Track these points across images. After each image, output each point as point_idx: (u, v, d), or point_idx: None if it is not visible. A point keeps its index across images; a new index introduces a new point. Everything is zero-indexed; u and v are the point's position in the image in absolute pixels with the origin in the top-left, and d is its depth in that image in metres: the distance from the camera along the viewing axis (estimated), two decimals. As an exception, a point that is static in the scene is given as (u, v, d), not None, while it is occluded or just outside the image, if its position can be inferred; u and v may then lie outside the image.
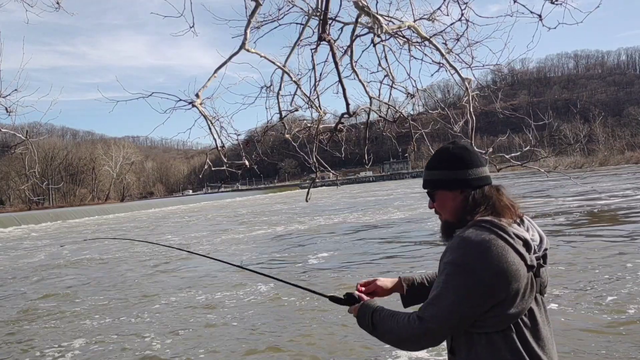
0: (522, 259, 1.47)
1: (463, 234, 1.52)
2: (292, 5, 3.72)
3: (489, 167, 1.72)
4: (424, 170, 1.76)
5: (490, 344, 1.50)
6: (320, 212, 29.61)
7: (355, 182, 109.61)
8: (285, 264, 12.11)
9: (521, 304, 1.48)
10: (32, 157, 4.44)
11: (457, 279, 1.47)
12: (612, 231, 12.58)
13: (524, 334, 1.50)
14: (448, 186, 1.65)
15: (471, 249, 1.46)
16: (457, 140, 1.74)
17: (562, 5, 3.39)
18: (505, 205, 1.60)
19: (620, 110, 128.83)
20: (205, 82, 3.27)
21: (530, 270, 1.50)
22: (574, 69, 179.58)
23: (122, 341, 6.61)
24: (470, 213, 1.59)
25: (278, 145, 61.20)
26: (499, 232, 1.49)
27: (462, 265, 1.46)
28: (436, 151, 1.75)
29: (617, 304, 6.39)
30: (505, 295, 1.45)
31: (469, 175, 1.62)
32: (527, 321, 1.51)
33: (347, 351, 5.61)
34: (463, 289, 1.46)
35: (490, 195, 1.61)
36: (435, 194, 1.70)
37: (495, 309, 1.46)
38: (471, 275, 1.44)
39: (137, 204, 69.25)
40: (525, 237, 1.52)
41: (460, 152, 1.65)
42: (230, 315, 7.50)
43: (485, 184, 1.63)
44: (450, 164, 1.64)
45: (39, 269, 14.35)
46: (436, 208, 1.72)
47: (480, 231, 1.50)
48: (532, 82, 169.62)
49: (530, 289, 1.50)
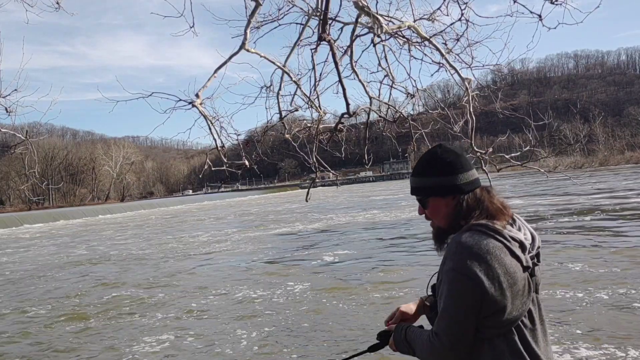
0: (518, 261, 1.47)
1: (460, 239, 1.51)
2: (292, 5, 3.72)
3: (489, 167, 1.72)
4: (410, 176, 1.71)
5: (493, 349, 1.49)
6: (333, 211, 29.83)
7: (355, 182, 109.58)
8: (311, 260, 12.24)
9: (521, 306, 1.48)
10: (32, 157, 4.42)
11: (460, 285, 1.46)
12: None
13: (525, 335, 1.50)
14: (440, 193, 1.62)
15: (469, 254, 1.46)
16: (444, 143, 1.70)
17: (562, 5, 3.38)
18: (497, 207, 1.59)
19: (620, 110, 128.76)
20: (205, 82, 3.27)
21: (526, 271, 1.50)
22: (574, 69, 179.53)
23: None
24: (464, 218, 1.58)
25: (278, 145, 61.23)
26: (495, 236, 1.48)
27: (463, 271, 1.45)
28: (424, 156, 1.69)
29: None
30: (506, 299, 1.45)
31: (460, 181, 1.60)
32: (527, 322, 1.51)
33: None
34: (468, 295, 1.45)
35: (482, 198, 1.60)
36: (427, 201, 1.67)
37: (498, 313, 1.46)
38: (473, 280, 1.43)
39: (142, 203, 70.33)
40: (520, 239, 1.52)
41: (449, 157, 1.62)
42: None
43: (476, 187, 1.62)
44: (441, 171, 1.61)
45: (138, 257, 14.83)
46: (428, 215, 1.70)
47: (476, 235, 1.49)
48: (532, 82, 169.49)
49: (528, 290, 1.51)
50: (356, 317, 6.89)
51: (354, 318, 6.85)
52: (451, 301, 1.48)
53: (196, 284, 10.31)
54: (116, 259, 15.41)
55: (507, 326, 1.48)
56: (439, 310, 1.55)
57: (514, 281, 1.45)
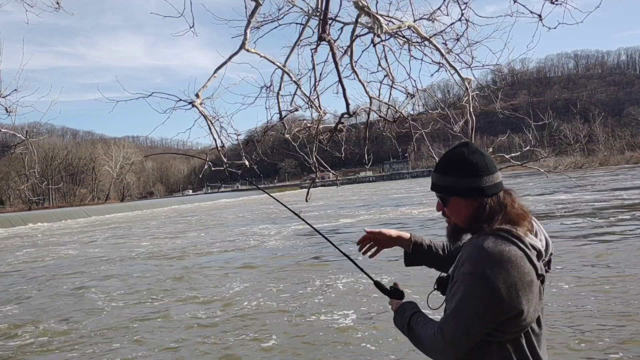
0: (534, 269, 1.47)
1: (482, 244, 1.48)
2: (292, 5, 3.72)
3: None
4: (433, 172, 1.69)
5: (501, 351, 1.51)
6: (350, 209, 29.95)
7: (355, 182, 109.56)
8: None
9: (534, 313, 1.50)
10: (32, 157, 4.43)
11: (477, 291, 1.45)
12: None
13: (532, 340, 1.52)
14: (463, 194, 1.59)
15: (491, 260, 1.44)
16: (470, 142, 1.67)
17: (562, 5, 3.39)
18: (519, 212, 1.56)
19: (620, 110, 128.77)
20: (205, 82, 3.27)
21: (539, 278, 1.50)
22: (574, 69, 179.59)
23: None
24: (486, 222, 1.55)
25: (278, 145, 61.14)
26: (517, 243, 1.47)
27: (483, 277, 1.44)
28: (449, 154, 1.66)
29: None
30: (522, 307, 1.45)
31: (484, 183, 1.57)
32: (536, 327, 1.53)
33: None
34: (483, 302, 1.44)
35: (505, 202, 1.57)
36: (448, 199, 1.64)
37: (513, 319, 1.46)
38: (491, 288, 1.42)
39: (147, 203, 71.10)
40: (539, 248, 1.51)
41: (476, 158, 1.59)
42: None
43: (499, 191, 1.59)
44: (466, 172, 1.58)
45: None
46: (446, 212, 1.68)
47: (499, 241, 1.47)
48: (532, 82, 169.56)
49: (540, 297, 1.52)
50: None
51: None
52: (465, 304, 1.47)
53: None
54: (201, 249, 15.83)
55: (519, 332, 1.49)
56: (446, 308, 1.56)
57: (531, 290, 1.46)
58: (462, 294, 1.48)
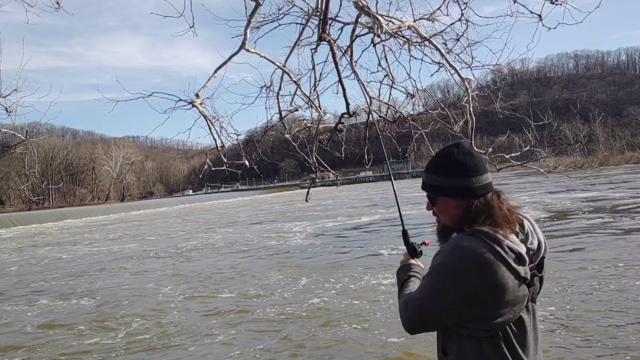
0: (512, 273, 1.47)
1: (458, 242, 1.52)
2: (292, 5, 3.72)
3: (489, 167, 1.71)
4: (424, 172, 1.72)
5: (479, 348, 1.52)
6: (359, 208, 29.92)
7: (355, 182, 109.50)
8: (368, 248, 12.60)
9: (508, 314, 1.49)
10: (32, 157, 4.44)
11: (443, 281, 1.50)
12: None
13: (512, 341, 1.51)
14: (452, 194, 1.61)
15: (463, 258, 1.47)
16: (461, 142, 1.67)
17: (562, 5, 3.39)
18: (504, 214, 1.56)
19: (620, 110, 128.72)
20: (205, 82, 3.27)
21: (523, 282, 1.50)
22: (574, 69, 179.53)
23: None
24: (470, 221, 1.57)
25: (278, 145, 61.24)
26: (492, 245, 1.47)
27: (451, 271, 1.49)
28: (440, 154, 1.67)
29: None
30: (490, 307, 1.46)
31: (473, 184, 1.58)
32: (515, 329, 1.53)
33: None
34: (446, 289, 1.49)
35: (492, 204, 1.58)
36: (437, 199, 1.67)
37: (480, 318, 1.49)
38: (457, 281, 1.47)
39: (156, 201, 72.59)
40: (519, 251, 1.50)
41: (465, 159, 1.60)
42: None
43: (488, 192, 1.61)
44: (455, 172, 1.60)
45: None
46: (435, 212, 1.71)
47: (474, 241, 1.49)
48: (532, 82, 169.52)
49: (522, 300, 1.51)
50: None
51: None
52: (430, 287, 1.55)
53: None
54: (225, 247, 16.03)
55: (492, 330, 1.50)
56: (418, 287, 1.66)
57: (501, 292, 1.45)
58: (430, 278, 1.56)
